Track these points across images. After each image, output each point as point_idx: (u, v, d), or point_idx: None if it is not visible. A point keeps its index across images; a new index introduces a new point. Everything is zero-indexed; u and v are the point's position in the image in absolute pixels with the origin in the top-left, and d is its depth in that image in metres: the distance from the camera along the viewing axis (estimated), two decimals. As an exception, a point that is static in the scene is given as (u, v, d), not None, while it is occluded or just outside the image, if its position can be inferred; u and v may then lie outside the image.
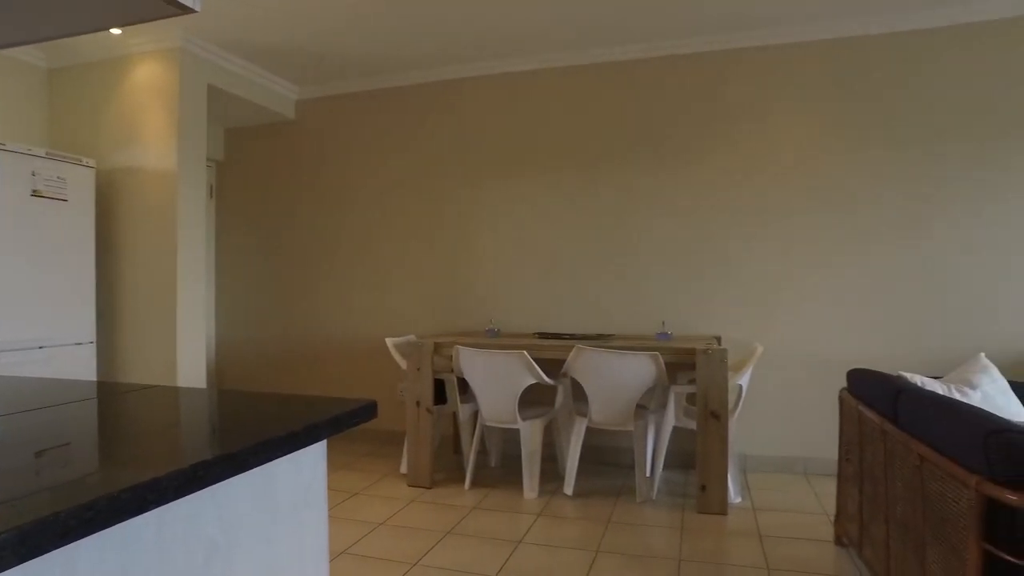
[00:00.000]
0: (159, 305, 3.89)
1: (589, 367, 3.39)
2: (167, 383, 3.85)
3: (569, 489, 3.51)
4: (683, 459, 4.02)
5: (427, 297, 4.59)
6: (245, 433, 1.00)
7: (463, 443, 3.82)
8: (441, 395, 3.81)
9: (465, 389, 3.83)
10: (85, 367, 3.72)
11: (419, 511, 3.27)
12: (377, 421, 4.49)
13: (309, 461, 1.17)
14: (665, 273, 4.11)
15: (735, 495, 3.39)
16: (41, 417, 1.14)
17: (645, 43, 4.03)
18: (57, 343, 3.57)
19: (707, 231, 4.03)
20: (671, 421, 3.52)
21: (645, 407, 3.65)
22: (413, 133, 4.63)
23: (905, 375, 2.48)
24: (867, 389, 2.49)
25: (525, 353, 3.40)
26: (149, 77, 3.94)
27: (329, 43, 4.03)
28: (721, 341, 3.94)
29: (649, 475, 3.58)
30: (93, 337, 3.78)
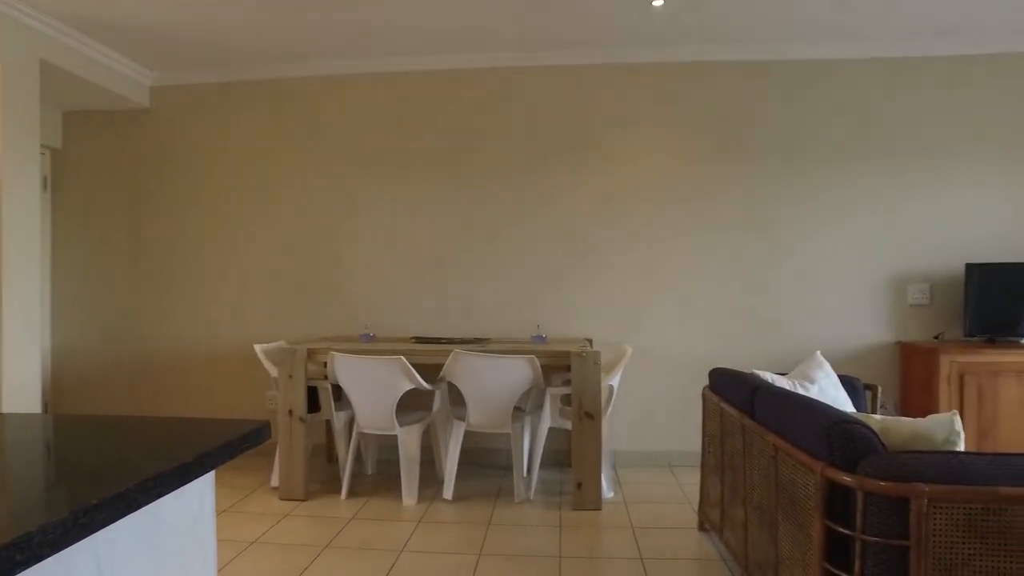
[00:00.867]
0: (-21, 312, 3.41)
1: (467, 371, 3.42)
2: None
3: (448, 493, 3.51)
4: (559, 458, 4.16)
5: (298, 301, 4.40)
6: (128, 467, 0.91)
7: (338, 452, 3.71)
8: (314, 403, 3.67)
9: (339, 396, 3.72)
10: None
11: (294, 526, 3.13)
12: (243, 433, 4.22)
13: (196, 492, 1.09)
14: (540, 277, 4.23)
15: (608, 490, 3.57)
16: None
17: (519, 51, 4.13)
18: None
19: (579, 237, 4.20)
20: (547, 422, 3.63)
21: (522, 409, 3.73)
22: (284, 129, 4.41)
23: (758, 373, 2.73)
24: (727, 387, 2.72)
25: (403, 358, 3.36)
26: (-33, 52, 3.45)
27: (189, 27, 3.74)
28: (593, 343, 4.12)
29: (527, 475, 3.67)
30: None
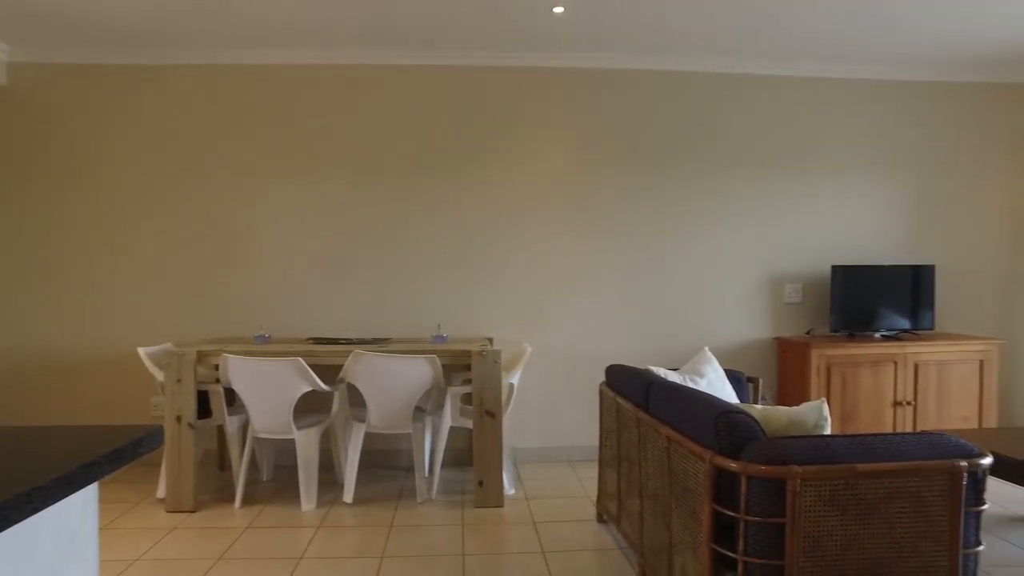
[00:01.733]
0: None
1: (367, 372, 3.37)
2: None
3: (349, 497, 3.44)
4: (460, 457, 4.18)
5: (187, 302, 4.15)
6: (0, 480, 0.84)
7: (231, 458, 3.54)
8: (204, 408, 3.49)
9: (232, 400, 3.56)
10: None
11: (183, 539, 2.96)
12: (122, 443, 3.94)
13: (77, 507, 1.01)
14: (441, 277, 4.23)
15: (509, 487, 3.62)
16: None
17: (423, 50, 4.10)
18: None
19: (481, 237, 4.24)
20: (448, 421, 3.64)
21: (423, 409, 3.72)
22: (171, 119, 4.14)
23: (652, 368, 2.87)
24: (623, 383, 2.84)
25: (300, 360, 3.26)
26: None
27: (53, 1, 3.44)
28: (494, 342, 4.17)
29: (428, 475, 3.66)
30: None
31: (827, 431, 1.94)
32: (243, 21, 3.65)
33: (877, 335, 4.24)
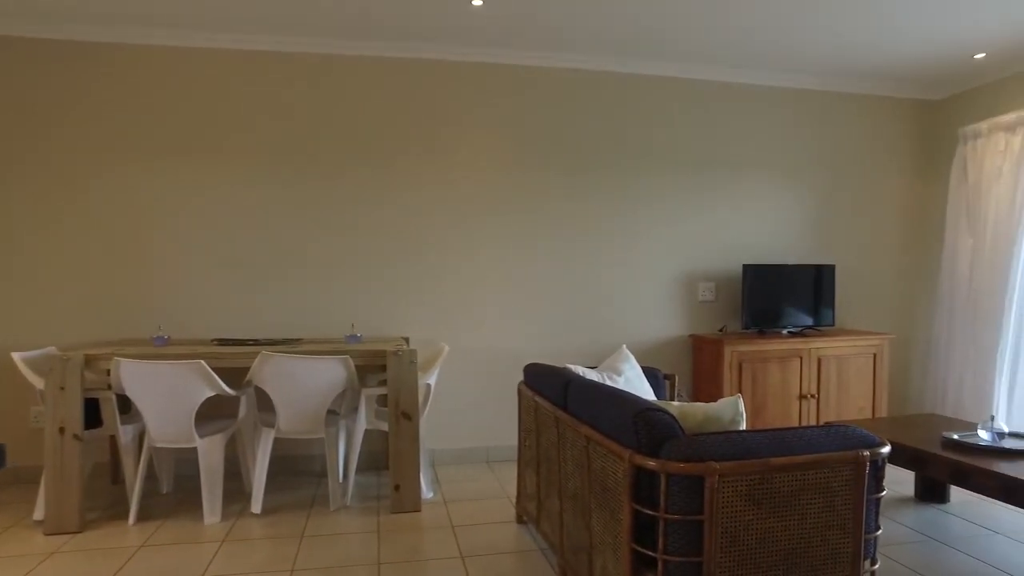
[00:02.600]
0: None
1: (276, 374, 3.19)
2: None
3: (257, 507, 3.25)
4: (376, 460, 4.05)
5: (76, 301, 3.81)
6: None
7: (125, 471, 3.27)
8: (94, 417, 3.21)
9: (127, 407, 3.29)
10: None
11: (65, 564, 2.70)
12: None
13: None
14: (355, 275, 4.08)
15: (427, 491, 3.53)
16: None
17: (347, 40, 3.94)
18: None
19: (396, 234, 4.11)
20: (363, 424, 3.51)
21: (336, 412, 3.58)
22: (62, 99, 3.78)
23: (570, 367, 2.86)
24: (541, 381, 2.81)
25: (202, 363, 3.05)
26: None
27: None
28: (410, 342, 4.07)
29: (343, 481, 3.52)
30: None
31: (742, 426, 1.97)
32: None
33: (784, 331, 4.42)
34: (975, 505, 3.40)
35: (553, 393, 2.61)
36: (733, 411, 1.95)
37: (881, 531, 1.89)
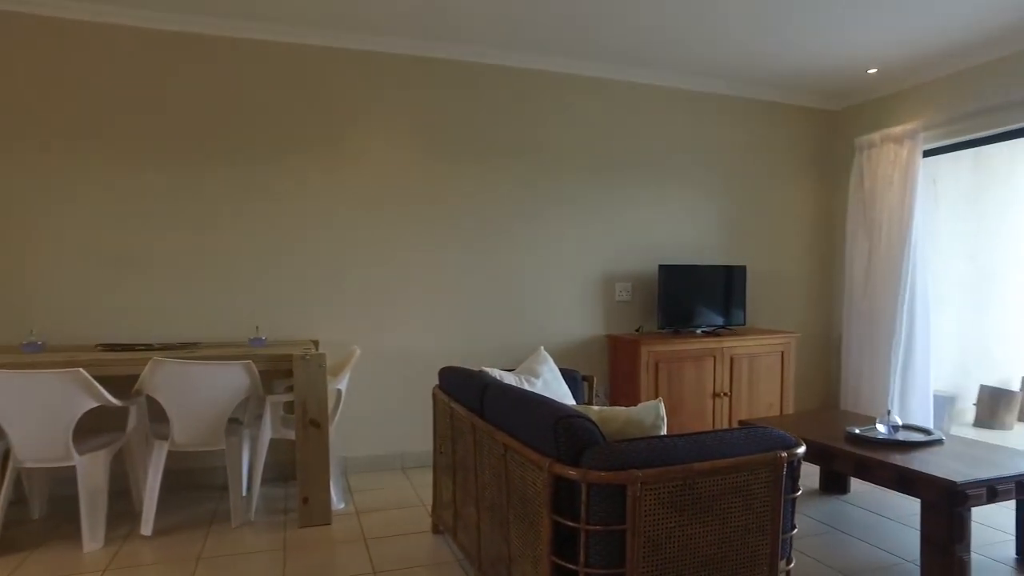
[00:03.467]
0: None
1: (169, 382, 2.93)
2: None
3: (147, 528, 2.97)
4: (283, 471, 3.82)
5: (-74, 304, 3.37)
6: None
7: (-12, 495, 2.91)
8: (-50, 436, 2.84)
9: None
10: None
11: (-90, 603, 2.36)
12: None
13: None
14: (260, 274, 3.82)
15: (338, 502, 3.35)
16: None
17: (245, 22, 3.67)
18: None
19: (306, 232, 3.89)
20: (268, 433, 3.29)
21: (239, 420, 3.34)
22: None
23: (486, 370, 2.76)
24: (456, 385, 2.70)
25: (82, 371, 2.75)
26: None
27: None
28: (319, 345, 3.86)
29: (246, 494, 3.28)
30: None
31: (663, 430, 1.94)
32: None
33: (698, 331, 4.51)
34: (872, 494, 3.56)
35: (469, 398, 2.51)
36: (654, 415, 1.92)
37: (796, 530, 1.90)
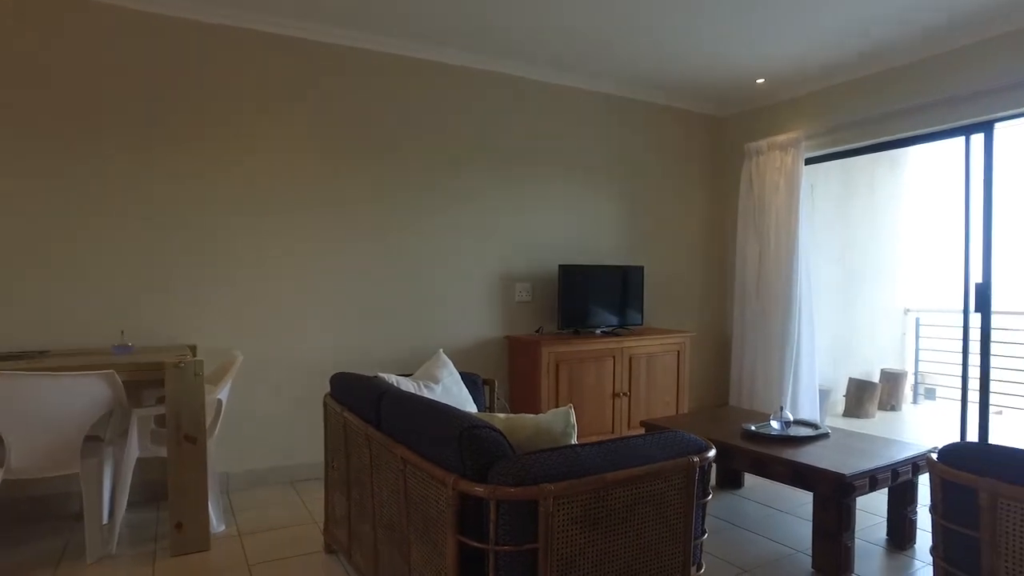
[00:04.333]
0: None
1: (7, 397, 2.52)
2: None
3: (-22, 570, 2.55)
4: (154, 492, 3.43)
5: None
6: None
7: None
8: None
9: None
10: None
11: None
12: None
13: None
14: (126, 271, 3.41)
15: (218, 524, 3.02)
16: None
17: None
18: None
19: (178, 225, 3.51)
20: (135, 452, 2.92)
21: (99, 438, 2.95)
22: None
23: (382, 376, 2.57)
24: (350, 393, 2.49)
25: None
26: None
27: None
28: (196, 351, 3.50)
29: (107, 522, 2.90)
30: None
31: (574, 439, 1.84)
32: None
33: (598, 331, 4.50)
34: (765, 488, 3.68)
35: (363, 408, 2.31)
36: (564, 423, 1.81)
37: (707, 535, 1.86)
